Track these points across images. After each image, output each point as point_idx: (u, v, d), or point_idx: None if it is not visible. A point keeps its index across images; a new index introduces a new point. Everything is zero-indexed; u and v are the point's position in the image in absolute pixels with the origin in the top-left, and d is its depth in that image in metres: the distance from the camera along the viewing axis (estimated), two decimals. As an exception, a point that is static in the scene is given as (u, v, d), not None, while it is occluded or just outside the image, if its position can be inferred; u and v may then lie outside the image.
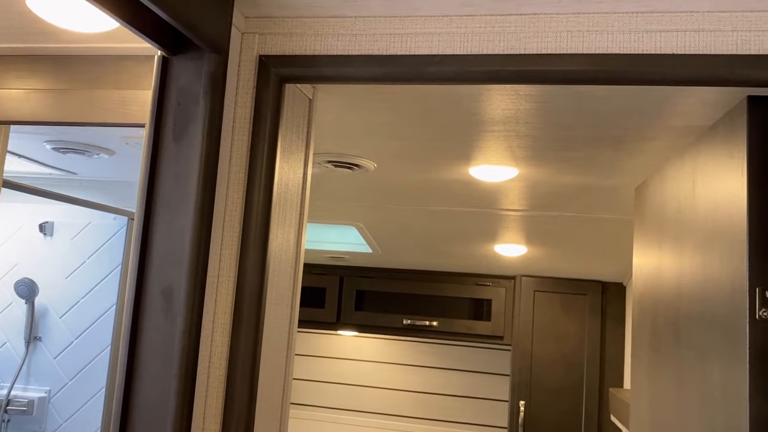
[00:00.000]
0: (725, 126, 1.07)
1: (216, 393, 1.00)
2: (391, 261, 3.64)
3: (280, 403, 1.29)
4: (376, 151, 1.83)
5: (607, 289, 3.43)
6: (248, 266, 1.02)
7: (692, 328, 1.19)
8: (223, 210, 1.04)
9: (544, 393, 3.38)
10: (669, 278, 1.35)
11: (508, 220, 2.65)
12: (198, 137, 0.97)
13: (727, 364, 1.00)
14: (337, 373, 4.41)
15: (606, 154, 1.68)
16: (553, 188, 2.08)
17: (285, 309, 1.25)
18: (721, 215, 1.06)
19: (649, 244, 1.55)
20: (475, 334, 3.58)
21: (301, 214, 1.33)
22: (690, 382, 1.18)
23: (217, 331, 1.01)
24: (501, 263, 3.37)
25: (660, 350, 1.41)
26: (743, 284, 0.95)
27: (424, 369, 4.27)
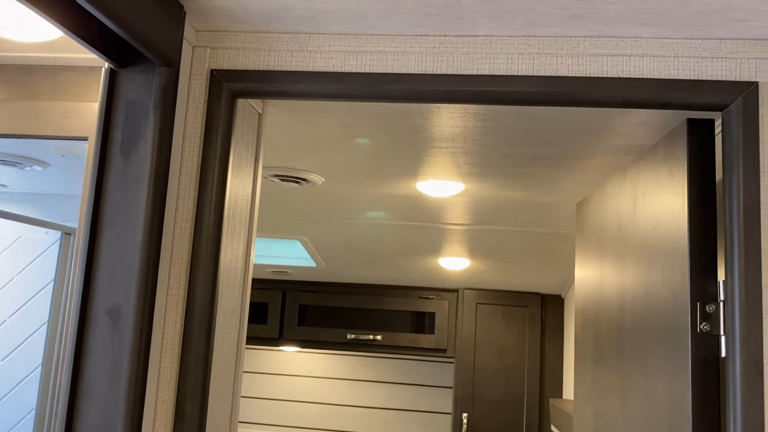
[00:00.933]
0: (666, 146, 1.11)
1: (165, 415, 0.97)
2: (335, 275, 3.62)
3: (228, 423, 1.26)
4: (324, 165, 1.82)
5: (546, 301, 3.51)
6: (198, 283, 0.99)
7: (635, 341, 1.23)
8: (173, 226, 1.01)
9: (486, 405, 3.42)
10: (611, 292, 1.40)
11: (452, 234, 2.69)
12: (148, 152, 0.95)
13: (670, 376, 1.04)
14: (280, 390, 4.34)
15: (548, 171, 1.73)
16: (497, 203, 2.12)
17: (234, 326, 1.23)
18: (662, 232, 1.10)
19: (591, 259, 1.60)
20: (418, 347, 3.60)
21: (250, 229, 1.31)
22: (634, 394, 1.22)
23: (166, 350, 0.98)
24: (444, 276, 3.41)
25: (604, 363, 1.45)
26: (684, 299, 0.99)
27: (368, 383, 4.25)
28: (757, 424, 0.88)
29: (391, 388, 4.24)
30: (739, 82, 0.95)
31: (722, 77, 0.96)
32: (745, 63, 0.96)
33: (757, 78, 0.96)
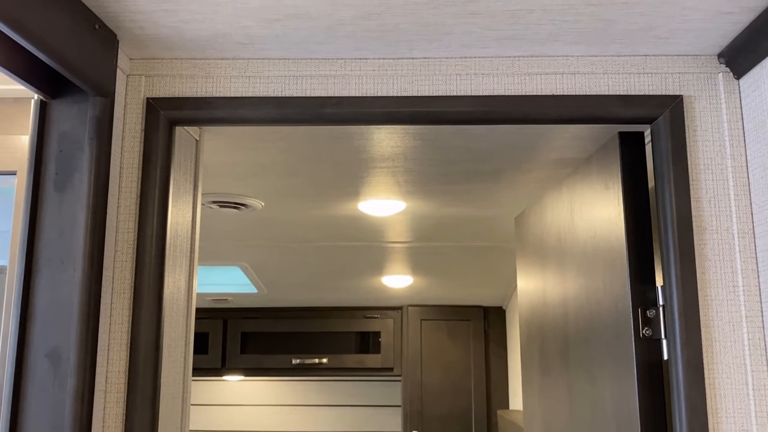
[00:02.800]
0: (599, 159, 1.16)
1: (112, 460, 0.92)
2: (277, 300, 3.57)
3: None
4: (263, 190, 1.80)
5: (488, 313, 3.56)
6: (142, 318, 0.96)
7: (581, 349, 1.26)
8: (113, 260, 0.98)
9: (435, 421, 3.43)
10: (554, 302, 1.43)
11: (394, 252, 2.70)
12: (84, 186, 0.91)
13: (616, 382, 1.07)
14: (226, 421, 4.22)
15: (486, 187, 1.77)
16: (437, 220, 2.15)
17: (179, 360, 1.19)
18: (600, 241, 1.14)
19: (532, 271, 1.63)
20: (365, 367, 3.58)
21: (192, 258, 1.29)
22: (581, 402, 1.25)
23: (111, 392, 0.94)
24: (388, 295, 3.42)
25: (550, 372, 1.48)
26: (626, 305, 1.03)
27: (316, 408, 4.19)
28: (701, 422, 0.91)
29: (339, 410, 4.20)
30: (665, 96, 1.00)
31: (649, 92, 1.01)
32: (670, 78, 1.01)
33: (681, 91, 1.01)
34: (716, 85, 1.01)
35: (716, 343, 0.94)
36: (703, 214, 0.97)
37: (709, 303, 0.95)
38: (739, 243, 0.96)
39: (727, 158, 0.99)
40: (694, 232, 0.97)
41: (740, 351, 0.94)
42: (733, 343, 0.94)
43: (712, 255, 0.96)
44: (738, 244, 0.96)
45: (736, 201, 0.98)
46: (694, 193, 0.97)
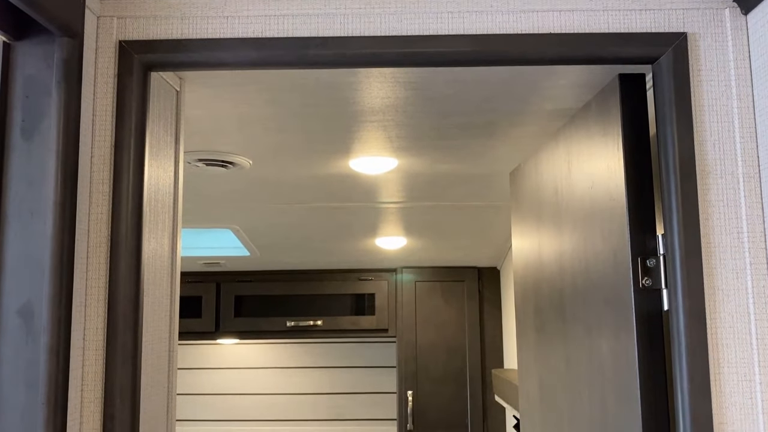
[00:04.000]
0: (598, 104, 1.11)
1: (93, 417, 0.89)
2: (270, 263, 3.54)
3: (165, 420, 1.19)
4: (251, 147, 1.74)
5: (482, 274, 3.54)
6: (120, 274, 0.91)
7: (577, 304, 1.23)
8: (88, 213, 0.93)
9: (430, 381, 3.43)
10: (550, 257, 1.40)
11: (387, 213, 2.66)
12: (53, 133, 0.86)
13: (614, 335, 1.04)
14: (221, 384, 4.23)
15: (480, 142, 1.72)
16: (431, 178, 2.10)
17: (164, 320, 1.15)
18: (599, 191, 1.10)
19: (528, 227, 1.59)
20: (360, 329, 3.57)
21: (175, 218, 1.24)
22: (578, 357, 1.22)
23: (90, 349, 0.91)
24: (382, 257, 3.38)
25: (546, 330, 1.45)
26: (625, 255, 0.99)
27: (311, 370, 4.20)
28: (702, 373, 0.88)
29: (335, 372, 4.21)
30: (668, 34, 0.95)
31: (651, 29, 0.95)
32: (673, 14, 0.96)
33: (685, 29, 0.95)
34: (722, 21, 0.96)
35: (719, 291, 0.91)
36: (707, 157, 0.93)
37: (712, 250, 0.91)
38: (744, 187, 0.92)
39: (733, 99, 0.94)
40: (698, 177, 0.92)
41: (744, 299, 0.90)
42: (736, 292, 0.91)
43: (716, 200, 0.92)
44: (743, 188, 0.92)
45: (742, 144, 0.93)
46: (698, 136, 0.93)
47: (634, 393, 0.96)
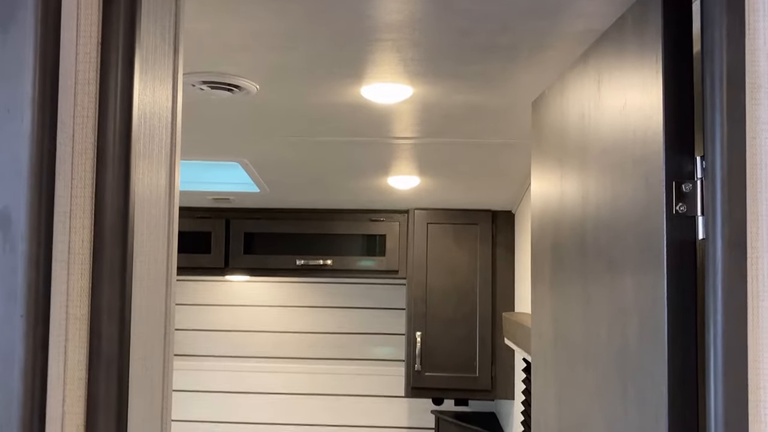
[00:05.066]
0: (634, 16, 1.00)
1: (78, 335, 0.83)
2: (281, 201, 3.48)
3: (162, 347, 1.14)
4: (257, 69, 1.65)
5: (497, 217, 3.47)
6: (107, 181, 0.84)
7: (601, 237, 1.15)
8: (72, 117, 0.85)
9: (439, 323, 3.41)
10: (573, 187, 1.31)
11: (400, 149, 2.57)
12: (30, 24, 0.78)
13: (640, 268, 0.96)
14: (229, 321, 4.25)
15: (502, 67, 1.61)
16: (447, 110, 2.00)
17: (160, 244, 1.09)
18: (632, 110, 1.00)
19: (549, 158, 1.50)
20: (370, 270, 3.53)
21: (173, 143, 1.16)
22: (599, 294, 1.15)
23: (75, 263, 0.84)
24: (394, 197, 3.31)
25: (564, 266, 1.37)
26: (659, 179, 0.90)
27: (320, 309, 4.20)
28: (738, 305, 0.81)
29: (344, 312, 4.20)
30: (722, -73, 0.84)
31: None
32: None
33: None
34: None
35: (762, 218, 0.82)
36: (759, 69, 0.83)
37: (758, 173, 0.82)
38: (798, 103, 0.82)
39: (792, 4, 0.83)
40: (747, 90, 0.82)
41: (790, 227, 0.82)
42: (782, 219, 0.82)
43: (766, 117, 0.83)
44: (797, 104, 0.83)
45: (799, 55, 0.83)
46: (750, 44, 0.83)
47: (660, 328, 0.89)
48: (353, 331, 4.16)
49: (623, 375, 1.04)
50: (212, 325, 4.22)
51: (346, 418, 4.17)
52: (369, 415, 4.17)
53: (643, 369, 0.95)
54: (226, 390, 4.23)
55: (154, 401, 1.10)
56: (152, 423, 1.08)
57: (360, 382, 4.17)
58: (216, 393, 4.23)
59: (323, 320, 4.18)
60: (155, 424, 1.11)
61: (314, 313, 4.18)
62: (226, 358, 4.23)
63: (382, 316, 4.14)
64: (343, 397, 4.17)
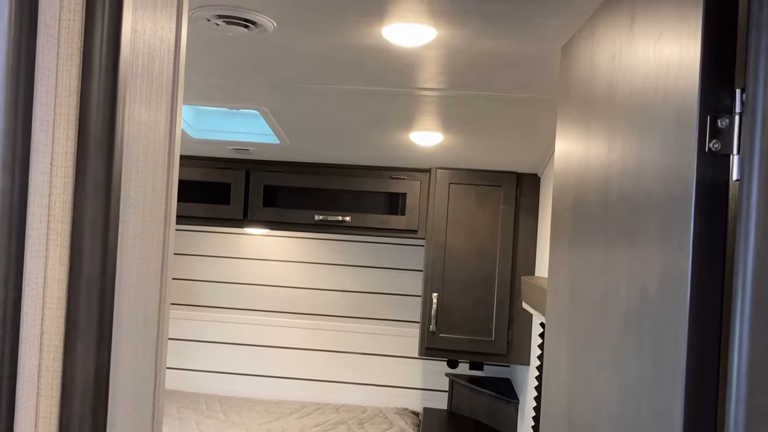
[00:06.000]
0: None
1: (59, 252, 0.79)
2: (302, 154, 3.42)
3: (158, 281, 1.10)
4: (274, 2, 1.58)
5: (521, 180, 3.37)
6: (92, 91, 0.79)
7: (625, 186, 1.07)
8: (57, 20, 0.79)
9: (456, 285, 3.35)
10: (597, 137, 1.23)
11: (424, 102, 2.48)
12: None
13: (666, 215, 0.89)
14: (247, 274, 4.25)
15: (532, 10, 1.51)
16: (473, 58, 1.91)
17: (159, 184, 1.05)
18: (667, 43, 0.92)
19: (575, 106, 1.42)
20: (389, 228, 3.47)
21: (175, 78, 1.11)
22: (619, 248, 1.07)
23: (57, 176, 0.79)
24: (416, 155, 3.23)
25: (584, 221, 1.30)
26: (692, 114, 0.82)
27: (338, 267, 4.17)
28: (773, 252, 0.73)
29: (361, 271, 4.17)
30: None
31: None
32: None
33: None
34: None
35: (806, 157, 0.74)
36: (814, -11, 0.74)
37: (804, 107, 0.74)
38: None
39: None
40: (799, 13, 0.73)
41: (836, 167, 0.73)
42: (827, 158, 0.74)
43: (819, 44, 0.74)
44: None
45: None
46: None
47: (683, 278, 0.81)
48: (370, 291, 4.13)
49: (640, 331, 0.97)
50: (231, 278, 4.23)
51: (360, 376, 4.18)
52: (383, 375, 4.17)
53: (663, 324, 0.88)
54: (243, 342, 4.25)
55: (147, 330, 1.06)
56: (144, 354, 1.05)
57: (375, 342, 4.16)
58: (233, 345, 4.26)
59: (340, 278, 4.15)
60: (147, 357, 1.08)
61: (332, 270, 4.15)
62: (245, 311, 4.24)
63: (399, 277, 4.10)
64: (357, 355, 4.17)
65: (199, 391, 4.23)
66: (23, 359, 0.75)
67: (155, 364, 1.13)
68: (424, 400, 4.15)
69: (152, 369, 1.11)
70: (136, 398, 1.05)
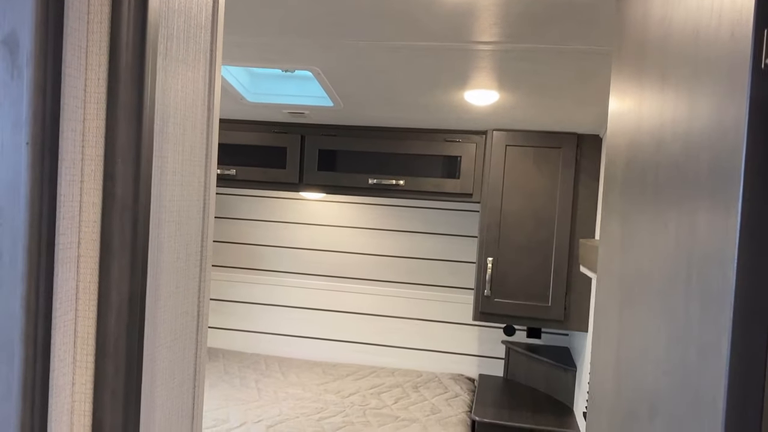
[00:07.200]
0: None
1: (93, 177, 0.81)
2: (355, 117, 3.42)
3: (201, 218, 1.12)
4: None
5: (582, 141, 3.26)
6: (123, 23, 0.79)
7: (679, 119, 1.01)
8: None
9: (512, 249, 3.29)
10: (651, 85, 1.16)
11: (478, 57, 2.42)
12: None
13: (718, 118, 0.83)
14: (305, 239, 4.30)
15: (586, -51, 1.44)
16: (527, 6, 1.84)
17: (198, 141, 1.05)
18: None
19: (629, 55, 1.34)
20: (443, 192, 3.43)
21: (213, 40, 1.10)
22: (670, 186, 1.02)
23: (91, 102, 0.81)
24: (472, 116, 3.17)
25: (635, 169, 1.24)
26: (746, 28, 0.76)
27: (392, 233, 4.17)
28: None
29: (414, 237, 4.16)
30: None
31: None
32: None
33: None
34: None
35: None
36: None
37: None
38: None
39: None
40: None
41: None
42: None
43: None
44: None
45: None
46: None
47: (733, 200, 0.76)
48: (423, 257, 4.11)
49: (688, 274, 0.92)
50: (291, 243, 4.30)
51: (415, 342, 4.19)
52: (438, 341, 4.17)
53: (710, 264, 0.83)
54: (301, 306, 4.33)
55: (189, 267, 1.08)
56: (186, 290, 1.07)
57: (430, 308, 4.15)
58: (292, 308, 4.34)
59: (394, 244, 4.15)
60: (189, 293, 1.10)
61: (386, 236, 4.16)
62: (303, 275, 4.31)
63: (454, 243, 4.06)
64: (413, 320, 4.18)
65: (259, 352, 4.34)
66: (60, 281, 0.78)
67: (198, 302, 1.15)
68: (479, 366, 4.13)
69: (194, 306, 1.13)
70: (177, 333, 1.07)
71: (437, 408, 3.50)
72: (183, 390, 1.11)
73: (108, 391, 0.80)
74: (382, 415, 3.37)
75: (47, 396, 0.76)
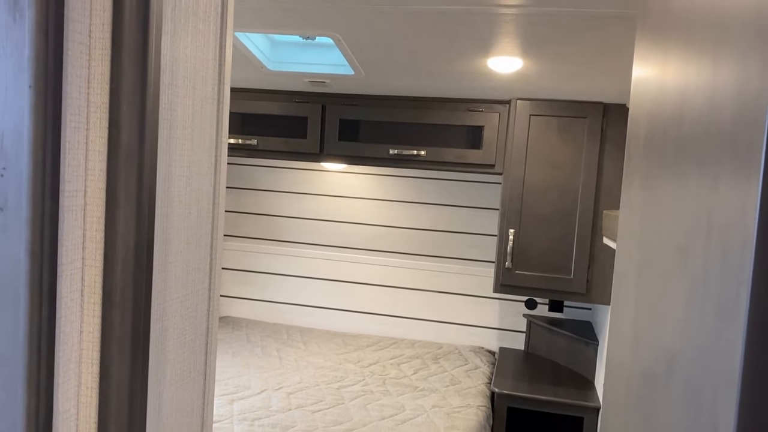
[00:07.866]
0: None
1: (98, 125, 0.80)
2: (376, 86, 3.38)
3: (211, 195, 1.11)
4: None
5: (608, 110, 3.19)
6: None
7: (702, 85, 0.96)
8: None
9: (534, 221, 3.25)
10: (676, 57, 1.11)
11: (501, 22, 2.36)
12: None
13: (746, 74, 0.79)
14: (326, 211, 4.30)
15: None
16: (550, -34, 1.78)
17: (209, 95, 1.04)
18: None
19: (653, 21, 1.29)
20: (464, 162, 3.39)
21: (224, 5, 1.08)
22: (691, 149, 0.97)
23: (96, 48, 0.80)
24: (495, 84, 3.11)
25: (656, 133, 1.20)
26: None
27: (413, 205, 4.15)
28: None
29: (435, 209, 4.13)
30: None
31: None
32: None
33: None
34: None
35: None
36: None
37: None
38: None
39: None
40: None
41: None
42: None
43: None
44: None
45: None
46: None
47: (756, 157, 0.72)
48: (444, 229, 4.09)
49: (708, 233, 0.89)
50: (312, 214, 4.30)
51: (436, 314, 4.19)
52: (460, 313, 4.16)
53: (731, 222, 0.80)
54: (323, 277, 4.35)
55: (200, 224, 1.07)
56: (197, 247, 1.06)
57: (450, 280, 4.14)
58: (314, 279, 4.36)
59: (415, 216, 4.13)
60: (201, 250, 1.09)
61: (407, 208, 4.14)
62: (324, 247, 4.32)
63: (475, 216, 4.03)
64: (433, 293, 4.17)
65: (281, 322, 4.38)
66: (66, 228, 0.77)
67: (209, 259, 1.15)
68: (500, 340, 4.11)
69: (206, 263, 1.13)
70: (189, 289, 1.07)
71: (457, 379, 3.50)
72: (195, 346, 1.11)
73: (115, 340, 0.80)
74: (402, 384, 3.38)
75: (54, 342, 0.76)
